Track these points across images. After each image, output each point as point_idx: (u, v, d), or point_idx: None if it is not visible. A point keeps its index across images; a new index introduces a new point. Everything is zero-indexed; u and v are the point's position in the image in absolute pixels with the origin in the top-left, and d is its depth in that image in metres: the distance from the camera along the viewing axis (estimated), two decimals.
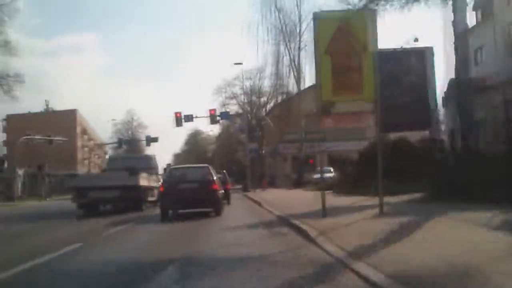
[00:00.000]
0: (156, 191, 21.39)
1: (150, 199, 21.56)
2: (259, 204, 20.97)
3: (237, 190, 40.94)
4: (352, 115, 45.03)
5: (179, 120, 39.35)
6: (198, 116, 39.80)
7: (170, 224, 14.41)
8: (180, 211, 16.71)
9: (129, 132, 76.44)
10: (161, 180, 20.20)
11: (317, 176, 37.19)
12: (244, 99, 61.13)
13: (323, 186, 13.98)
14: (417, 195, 15.26)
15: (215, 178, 16.85)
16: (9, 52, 34.79)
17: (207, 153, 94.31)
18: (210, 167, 17.69)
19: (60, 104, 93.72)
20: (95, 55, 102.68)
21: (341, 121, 34.35)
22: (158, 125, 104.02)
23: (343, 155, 49.89)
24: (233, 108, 68.62)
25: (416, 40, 21.11)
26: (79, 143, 76.11)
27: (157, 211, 16.79)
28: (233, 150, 75.34)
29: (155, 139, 51.97)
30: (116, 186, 18.95)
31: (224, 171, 22.64)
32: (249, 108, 61.70)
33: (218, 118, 39.39)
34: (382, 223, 9.45)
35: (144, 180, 20.48)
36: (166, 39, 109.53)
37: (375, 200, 15.94)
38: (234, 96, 66.73)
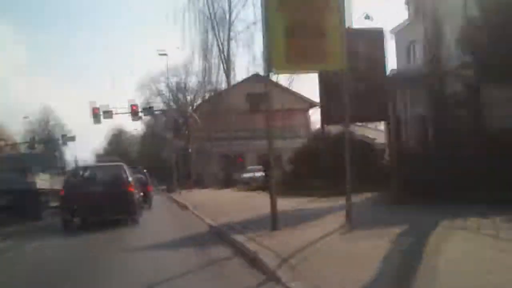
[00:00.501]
0: None
1: (54, 204, 17.55)
2: (185, 207, 17.60)
3: (162, 192, 37.11)
4: (284, 113, 42.71)
5: (97, 116, 34.90)
6: (118, 112, 35.61)
7: (65, 239, 10.82)
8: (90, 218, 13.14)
9: (46, 132, 69.54)
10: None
11: (247, 175, 34.32)
12: (169, 96, 57.18)
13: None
14: (368, 196, 12.81)
15: (130, 178, 13.57)
16: None
17: (131, 153, 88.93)
18: (124, 165, 14.33)
19: None
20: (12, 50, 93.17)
21: (274, 119, 31.61)
22: (79, 124, 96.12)
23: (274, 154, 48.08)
24: (158, 106, 64.42)
25: (367, 17, 18.35)
26: None
27: None
28: (158, 149, 70.88)
29: (72, 138, 46.82)
30: (3, 191, 14.83)
31: (145, 170, 18.94)
32: (175, 106, 57.74)
33: (140, 114, 35.42)
34: (363, 241, 6.54)
35: (44, 182, 16.56)
36: (90, 38, 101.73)
37: (322, 203, 13.45)
38: (159, 93, 62.57)
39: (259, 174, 32.65)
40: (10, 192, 14.93)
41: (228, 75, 36.18)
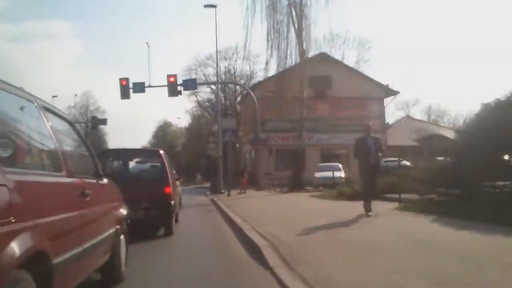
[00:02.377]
0: None
1: None
2: (245, 239, 7.70)
3: (202, 191, 27.53)
4: (352, 100, 32.36)
5: (126, 89, 25.85)
6: (152, 85, 26.39)
7: None
8: None
9: (85, 118, 61.71)
10: None
11: (320, 175, 24.43)
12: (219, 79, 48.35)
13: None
14: None
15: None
16: None
17: (175, 147, 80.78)
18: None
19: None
20: (68, 43, 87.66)
21: (339, 108, 20.62)
22: (125, 118, 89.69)
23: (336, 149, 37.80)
24: (204, 91, 55.42)
25: None
26: None
27: None
28: (203, 142, 61.88)
29: (103, 121, 38.12)
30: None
31: (161, 151, 9.23)
32: (223, 95, 48.67)
33: (179, 88, 26.07)
34: None
35: None
36: (142, 29, 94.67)
37: None
38: (206, 81, 53.72)
39: (337, 174, 22.63)
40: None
41: (300, 42, 25.33)
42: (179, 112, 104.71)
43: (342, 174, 23.28)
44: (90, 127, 41.19)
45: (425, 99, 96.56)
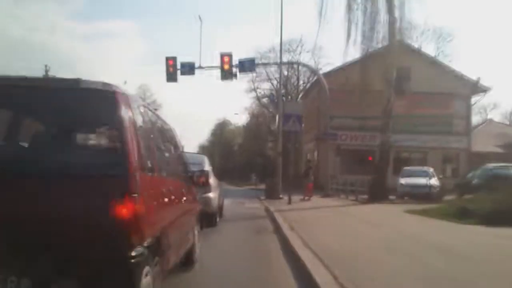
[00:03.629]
0: None
1: None
2: None
3: (256, 195, 22.41)
4: (434, 97, 26.59)
5: (173, 70, 21.46)
6: (202, 66, 21.76)
7: None
8: None
9: None
10: None
11: (407, 181, 18.62)
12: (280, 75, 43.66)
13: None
14: None
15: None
16: None
17: (233, 146, 76.71)
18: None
19: None
20: (133, 42, 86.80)
21: (418, 105, 12.03)
22: (181, 111, 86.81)
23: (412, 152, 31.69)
24: (264, 88, 50.59)
25: None
26: None
27: None
28: (261, 141, 57.04)
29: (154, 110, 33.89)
30: None
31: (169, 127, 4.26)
32: (284, 90, 43.65)
33: (234, 70, 21.30)
34: None
35: None
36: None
37: None
38: (267, 77, 48.89)
39: (431, 181, 16.98)
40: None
41: (392, 22, 19.04)
42: (238, 110, 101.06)
43: (436, 181, 17.48)
44: None
45: (505, 102, 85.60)
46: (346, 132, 29.08)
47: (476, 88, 31.80)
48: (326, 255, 5.07)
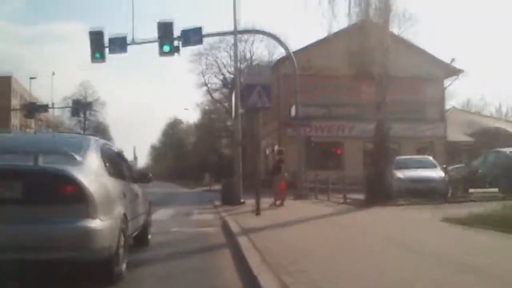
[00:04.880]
0: None
1: None
2: None
3: (210, 198, 17.23)
4: (405, 82, 23.31)
5: (98, 46, 16.02)
6: (136, 41, 16.25)
7: None
8: None
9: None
10: None
11: (407, 176, 13.74)
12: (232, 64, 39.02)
13: None
14: None
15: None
16: None
17: (186, 146, 71.57)
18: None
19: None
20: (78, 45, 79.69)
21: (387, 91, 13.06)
22: (133, 112, 79.95)
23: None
24: (215, 82, 45.76)
25: None
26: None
27: None
28: (215, 138, 52.07)
29: (86, 105, 28.55)
30: None
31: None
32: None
33: (177, 43, 16.00)
34: None
35: None
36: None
37: None
38: (218, 66, 44.19)
39: (437, 174, 12.65)
40: None
41: None
42: (188, 106, 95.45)
43: (441, 173, 13.03)
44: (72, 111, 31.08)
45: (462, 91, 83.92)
46: (311, 122, 24.57)
47: (450, 69, 28.24)
48: None
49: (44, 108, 27.53)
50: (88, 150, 4.47)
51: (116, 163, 5.24)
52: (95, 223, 3.70)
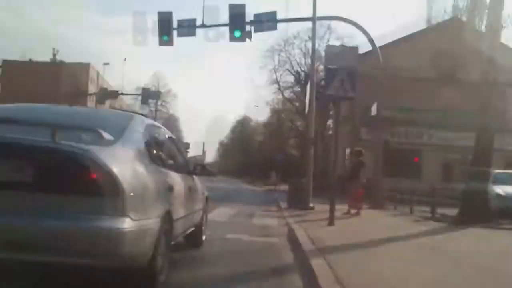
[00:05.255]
0: None
1: None
2: None
3: (274, 200, 15.98)
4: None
5: (166, 28, 15.30)
6: (206, 24, 15.33)
7: None
8: None
9: (155, 101, 52.64)
10: None
11: (507, 192, 11.40)
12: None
13: None
14: None
15: None
16: None
17: (253, 144, 71.20)
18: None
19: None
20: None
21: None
22: (204, 108, 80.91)
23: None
24: (287, 81, 44.50)
25: None
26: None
27: None
28: (283, 139, 50.96)
29: (157, 94, 28.63)
30: None
31: None
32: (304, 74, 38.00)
33: (248, 28, 14.85)
34: None
35: None
36: None
37: None
38: (291, 64, 42.73)
39: None
40: None
41: None
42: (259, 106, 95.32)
43: None
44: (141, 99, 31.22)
45: None
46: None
47: None
48: None
49: (115, 94, 27.83)
50: (127, 129, 3.36)
51: (165, 149, 4.15)
52: (124, 223, 2.77)
